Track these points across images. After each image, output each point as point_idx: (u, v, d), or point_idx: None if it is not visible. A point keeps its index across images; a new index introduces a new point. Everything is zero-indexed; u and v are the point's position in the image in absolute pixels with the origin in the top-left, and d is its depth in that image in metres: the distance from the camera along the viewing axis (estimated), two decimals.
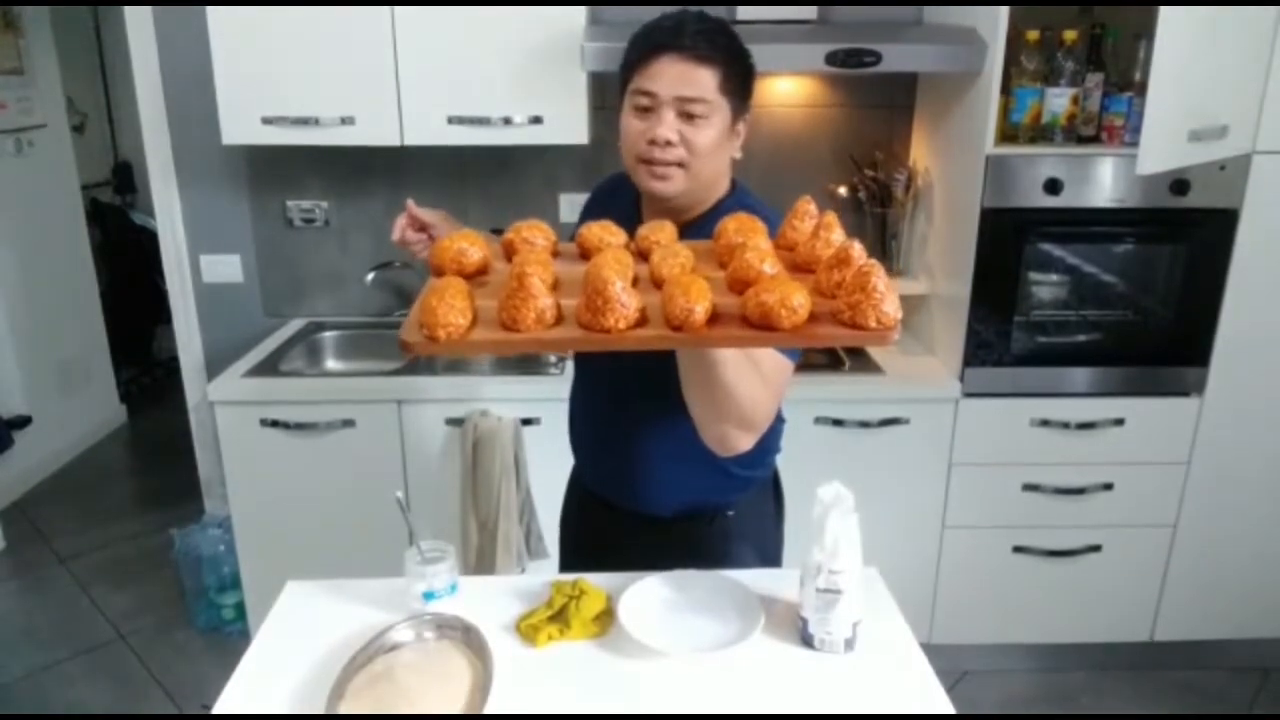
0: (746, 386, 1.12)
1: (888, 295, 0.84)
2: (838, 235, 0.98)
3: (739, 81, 1.29)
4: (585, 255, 1.07)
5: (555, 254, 1.10)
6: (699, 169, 1.30)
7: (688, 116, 1.26)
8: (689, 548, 1.46)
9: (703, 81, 1.24)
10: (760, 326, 0.81)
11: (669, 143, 1.26)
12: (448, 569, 1.31)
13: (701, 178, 1.32)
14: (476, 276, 1.01)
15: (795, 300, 0.80)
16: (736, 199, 1.38)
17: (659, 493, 1.48)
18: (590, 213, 1.49)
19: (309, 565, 1.52)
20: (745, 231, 1.04)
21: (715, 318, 0.82)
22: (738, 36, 1.30)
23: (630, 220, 1.39)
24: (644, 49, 1.27)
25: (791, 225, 1.07)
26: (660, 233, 1.12)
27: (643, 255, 1.08)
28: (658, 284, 0.93)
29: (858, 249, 0.91)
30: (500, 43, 2.23)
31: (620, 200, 1.44)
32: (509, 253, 1.07)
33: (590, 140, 2.33)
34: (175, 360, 2.94)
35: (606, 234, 1.12)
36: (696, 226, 1.35)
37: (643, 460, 1.46)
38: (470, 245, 1.05)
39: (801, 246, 1.00)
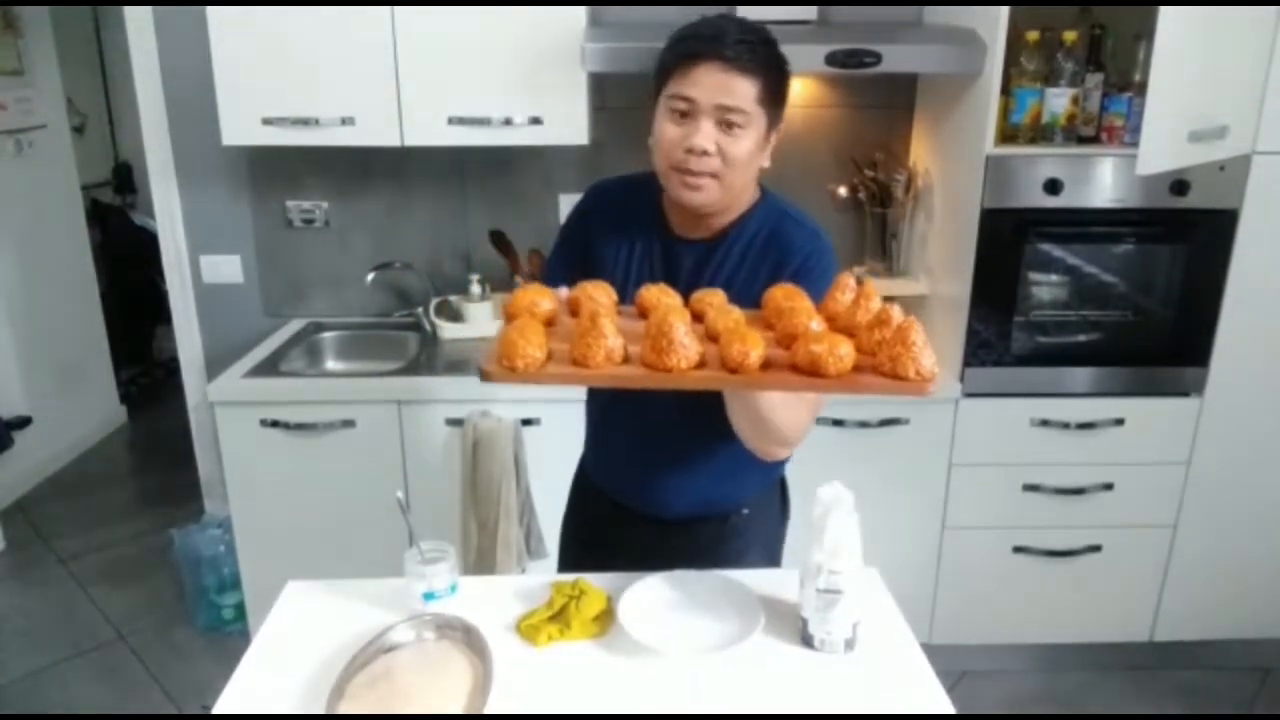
0: (791, 414, 1.21)
1: (926, 349, 0.90)
2: (876, 303, 1.03)
3: (777, 92, 1.28)
4: (642, 313, 1.12)
5: (616, 309, 1.14)
6: (732, 180, 1.28)
7: (725, 125, 1.24)
8: (700, 546, 1.47)
9: (742, 91, 1.23)
10: (808, 373, 0.88)
11: (705, 152, 1.24)
12: (448, 569, 1.31)
13: (734, 188, 1.31)
14: (547, 326, 1.09)
15: (842, 350, 0.88)
16: (768, 205, 1.37)
17: (680, 496, 1.48)
18: (597, 217, 1.45)
19: (309, 565, 1.53)
20: (791, 297, 1.09)
21: (766, 364, 0.90)
22: (777, 44, 1.28)
23: (651, 225, 1.40)
24: (684, 54, 1.24)
25: (834, 298, 1.10)
26: (713, 296, 1.16)
27: (696, 316, 1.13)
28: (713, 338, 1.00)
29: (896, 310, 0.97)
30: (500, 43, 2.23)
31: (638, 204, 1.41)
32: (574, 309, 1.12)
33: (590, 141, 2.33)
34: (175, 360, 2.94)
35: (665, 295, 1.16)
36: (726, 235, 1.35)
37: (669, 465, 1.45)
38: (542, 297, 1.12)
39: (843, 313, 1.05)
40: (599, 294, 1.14)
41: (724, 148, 1.25)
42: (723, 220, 1.36)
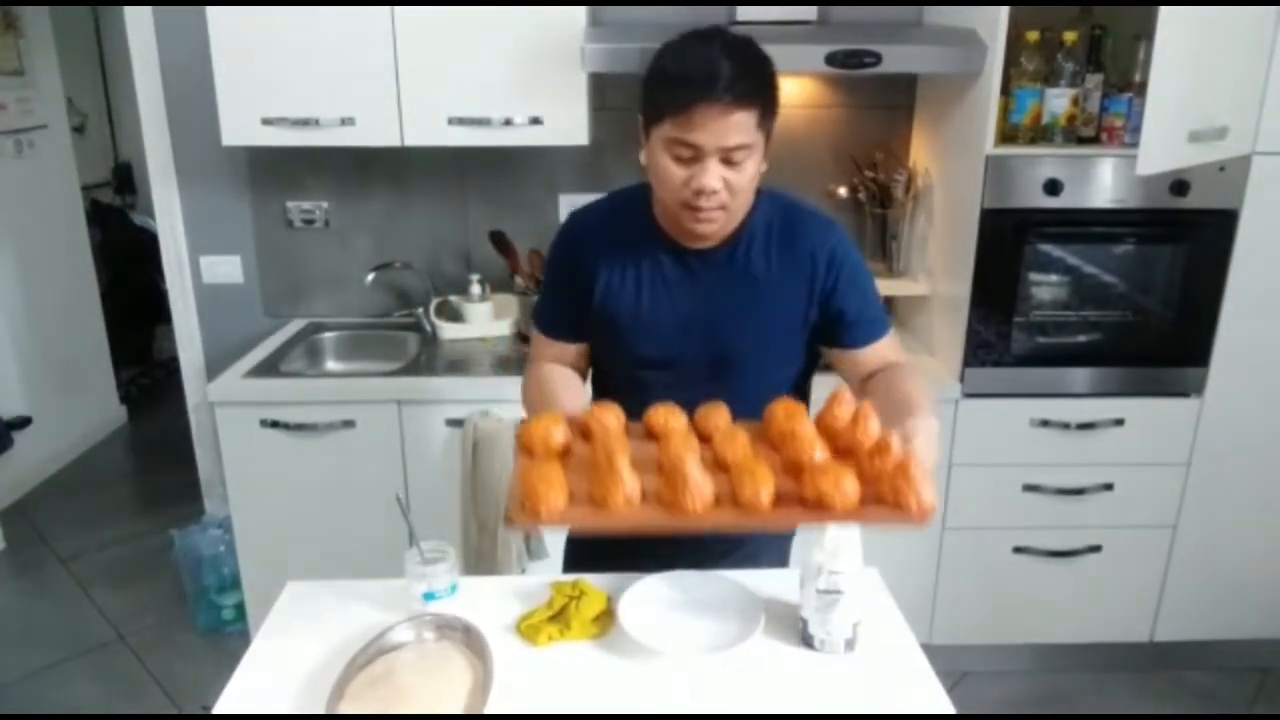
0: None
1: (926, 481, 0.95)
2: (874, 425, 1.06)
3: (773, 108, 1.26)
4: (650, 434, 1.14)
5: (625, 431, 1.15)
6: (740, 204, 1.29)
7: (729, 162, 1.23)
8: (722, 549, 1.46)
9: (744, 125, 1.20)
10: (816, 508, 0.93)
11: (714, 191, 1.23)
12: (448, 569, 1.31)
13: (743, 208, 1.32)
14: (563, 457, 1.11)
15: (847, 486, 0.93)
16: (768, 198, 1.37)
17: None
18: (586, 248, 1.39)
19: (309, 565, 1.52)
20: (793, 418, 1.11)
21: (778, 497, 0.95)
22: (764, 56, 1.24)
23: (650, 239, 1.36)
24: (681, 99, 1.19)
25: (831, 413, 1.13)
26: (717, 416, 1.17)
27: (703, 436, 1.14)
28: (720, 466, 1.04)
29: (896, 440, 1.01)
30: (500, 43, 2.23)
31: (628, 222, 1.39)
32: (584, 432, 1.13)
33: (590, 141, 2.33)
34: (175, 361, 2.94)
35: (671, 418, 1.16)
36: (737, 237, 1.35)
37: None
38: (555, 427, 1.13)
39: (843, 432, 1.08)
40: (608, 418, 1.14)
41: (731, 182, 1.24)
42: (727, 230, 1.35)
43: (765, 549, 1.53)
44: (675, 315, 1.36)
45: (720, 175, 1.22)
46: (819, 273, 1.35)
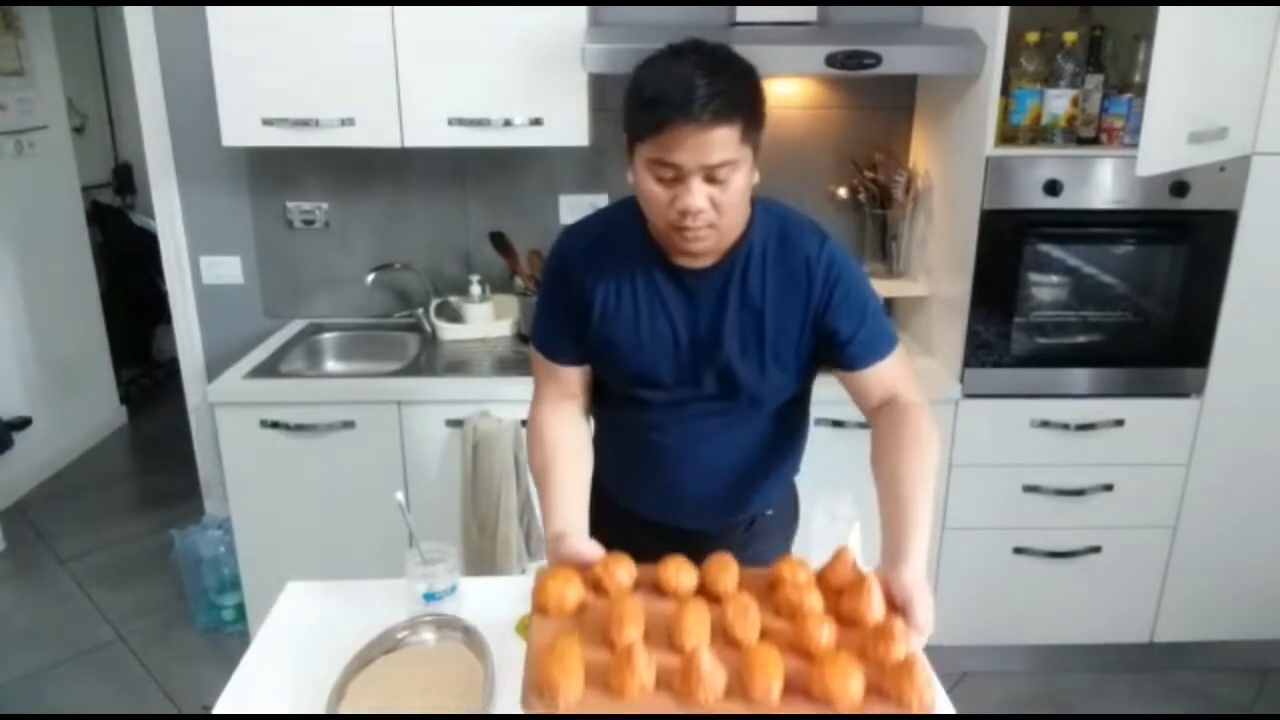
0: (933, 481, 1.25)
1: (928, 685, 0.99)
2: (877, 599, 1.10)
3: (758, 120, 1.20)
4: (659, 588, 1.14)
5: (636, 585, 1.15)
6: (730, 221, 1.24)
7: (713, 179, 1.17)
8: (727, 550, 1.46)
9: (725, 141, 1.15)
10: (822, 699, 0.98)
11: (700, 210, 1.18)
12: (448, 570, 1.31)
13: (734, 226, 1.27)
14: (578, 614, 1.12)
15: (853, 686, 0.97)
16: (764, 213, 1.32)
17: (721, 511, 1.47)
18: (580, 265, 1.34)
19: (309, 565, 1.53)
20: (801, 589, 1.11)
21: (787, 685, 1.00)
22: (745, 67, 1.19)
23: (644, 257, 1.31)
24: (654, 119, 1.14)
25: (833, 570, 1.15)
26: (726, 576, 1.15)
27: (708, 592, 1.14)
28: (729, 639, 1.07)
29: (899, 625, 1.06)
30: (500, 44, 2.23)
31: (622, 240, 1.33)
32: (596, 585, 1.14)
33: (590, 142, 2.33)
34: (175, 361, 2.94)
35: (682, 574, 1.15)
36: (733, 256, 1.30)
37: (709, 491, 1.43)
38: (569, 586, 1.11)
39: (847, 599, 1.11)
40: (620, 570, 1.13)
41: (717, 199, 1.19)
42: (724, 246, 1.30)
43: (768, 552, 1.53)
44: (674, 337, 1.32)
45: (705, 194, 1.18)
46: (814, 290, 1.30)
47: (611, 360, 1.36)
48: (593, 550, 1.19)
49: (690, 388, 1.35)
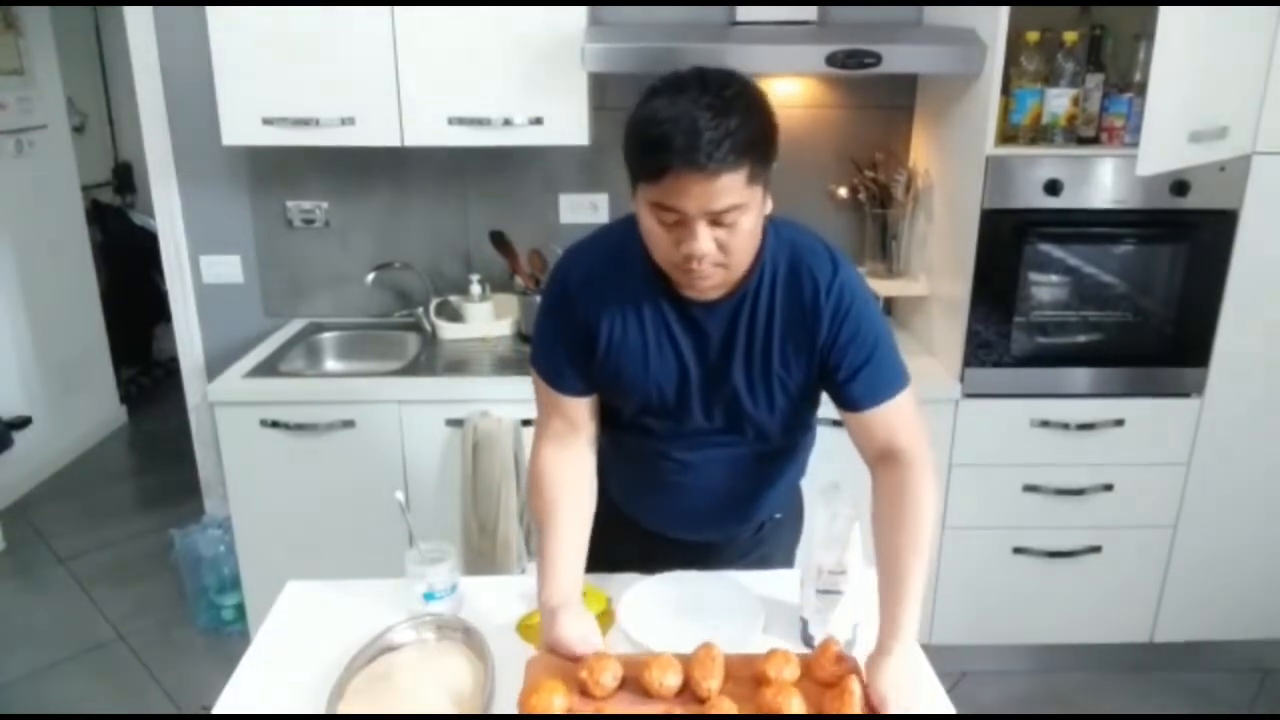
0: (924, 560, 1.21)
1: None
2: (858, 699, 1.08)
3: (768, 159, 1.12)
4: (646, 690, 1.13)
5: (622, 684, 1.13)
6: (739, 261, 1.17)
7: (719, 223, 1.11)
8: (734, 553, 1.47)
9: (731, 187, 1.07)
10: None
11: (705, 254, 1.12)
12: (448, 569, 1.31)
13: (744, 264, 1.20)
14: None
15: None
16: (776, 236, 1.25)
17: (730, 524, 1.47)
18: (585, 291, 1.28)
19: (309, 565, 1.53)
20: (781, 691, 1.10)
21: None
22: (753, 101, 1.11)
23: (651, 288, 1.25)
24: (657, 166, 1.07)
25: (819, 664, 1.14)
26: (711, 677, 1.12)
27: (693, 690, 1.13)
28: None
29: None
30: (500, 43, 2.23)
31: (627, 270, 1.26)
32: (583, 689, 1.12)
33: (590, 141, 2.33)
34: (175, 360, 2.94)
35: (667, 673, 1.12)
36: (744, 286, 1.24)
37: (721, 506, 1.42)
38: (555, 696, 1.09)
39: (830, 702, 1.10)
40: (606, 676, 1.12)
41: (724, 242, 1.12)
42: (736, 279, 1.23)
43: (775, 554, 1.53)
44: (681, 370, 1.28)
45: (711, 237, 1.11)
46: (821, 323, 1.23)
47: (617, 390, 1.32)
48: (582, 641, 1.16)
49: (699, 420, 1.32)
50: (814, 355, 1.26)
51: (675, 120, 1.06)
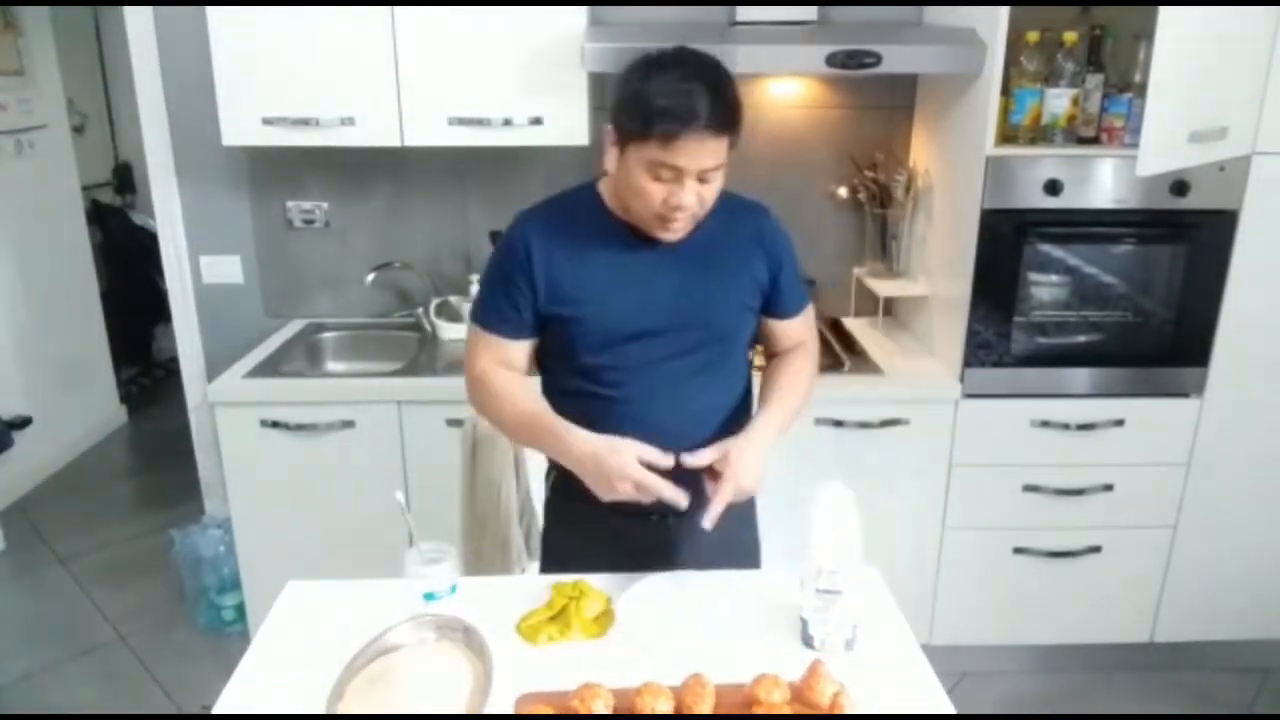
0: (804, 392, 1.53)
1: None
2: (828, 688, 1.12)
3: (740, 129, 1.35)
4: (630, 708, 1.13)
5: (613, 710, 1.13)
6: (707, 212, 1.39)
7: (704, 179, 1.33)
8: (722, 537, 1.45)
9: (719, 150, 1.31)
10: None
11: (689, 206, 1.33)
12: (448, 569, 1.31)
13: (705, 214, 1.40)
14: None
15: None
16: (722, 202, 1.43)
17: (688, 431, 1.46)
18: (541, 241, 1.42)
19: (309, 565, 1.53)
20: (775, 710, 1.11)
21: None
22: (730, 78, 1.33)
23: (606, 232, 1.43)
24: (662, 128, 1.27)
25: (809, 685, 1.14)
26: (702, 704, 1.12)
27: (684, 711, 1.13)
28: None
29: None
30: (500, 43, 2.23)
31: (582, 219, 1.45)
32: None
33: (590, 141, 2.33)
34: (175, 360, 2.94)
35: (658, 702, 1.12)
36: (694, 231, 1.41)
37: (677, 436, 1.41)
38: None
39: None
40: (595, 700, 1.11)
41: (703, 195, 1.34)
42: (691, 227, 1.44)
43: (735, 525, 1.52)
44: (644, 292, 1.42)
45: (695, 191, 1.33)
46: (765, 245, 1.49)
47: (577, 325, 1.42)
48: (655, 451, 1.32)
49: (667, 338, 1.43)
50: (764, 270, 1.50)
51: (686, 94, 1.27)
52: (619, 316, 1.42)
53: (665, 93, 1.28)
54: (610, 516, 1.42)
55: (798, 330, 1.59)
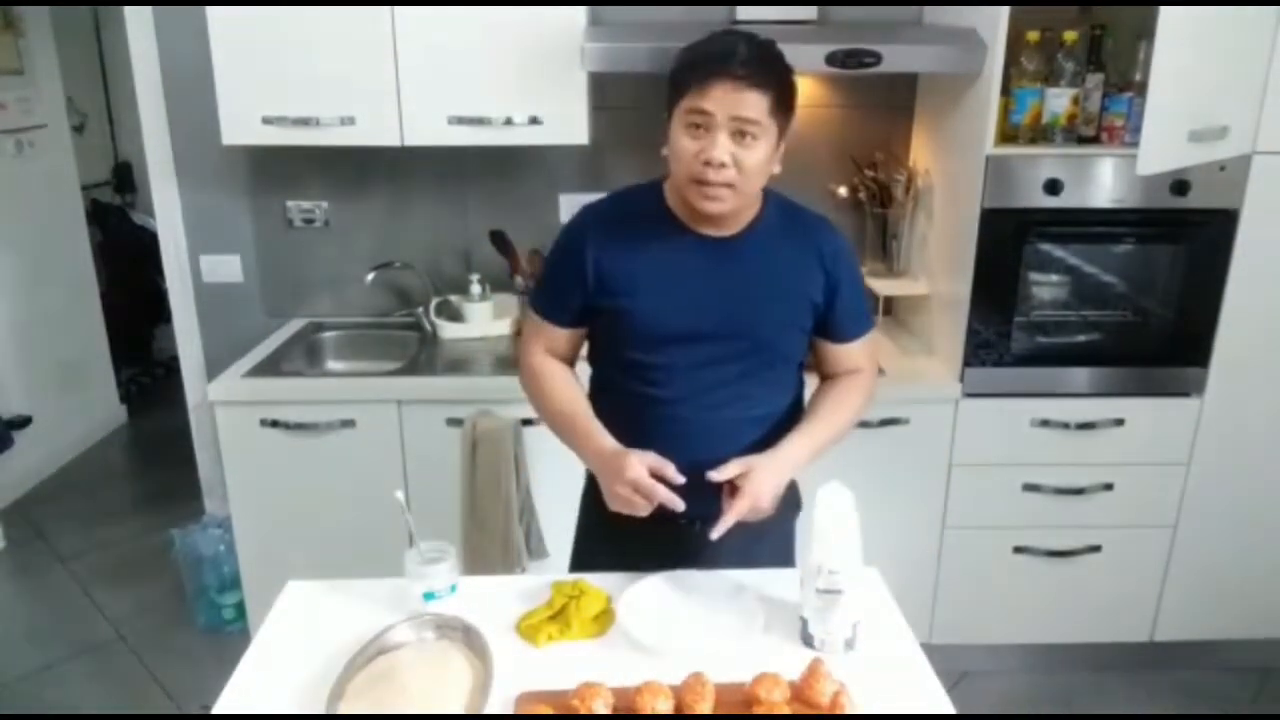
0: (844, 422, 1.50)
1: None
2: (827, 686, 1.12)
3: (786, 102, 1.34)
4: (631, 708, 1.12)
5: (613, 709, 1.13)
6: (747, 189, 1.35)
7: (740, 136, 1.30)
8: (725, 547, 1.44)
9: (755, 104, 1.29)
10: None
11: (722, 164, 1.30)
12: (448, 569, 1.31)
13: (750, 196, 1.39)
14: None
15: None
16: (775, 207, 1.46)
17: (724, 445, 1.44)
18: (599, 232, 1.43)
19: (309, 565, 1.53)
20: (775, 709, 1.11)
21: None
22: (784, 57, 1.34)
23: (664, 225, 1.43)
24: (697, 72, 1.29)
25: (809, 684, 1.15)
26: (702, 703, 1.12)
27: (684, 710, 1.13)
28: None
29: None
30: (500, 43, 2.23)
31: (642, 210, 1.45)
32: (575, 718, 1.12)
33: (590, 141, 2.33)
34: (175, 360, 2.94)
35: (658, 701, 1.12)
36: (739, 240, 1.42)
37: (724, 446, 1.41)
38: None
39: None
40: (596, 702, 1.11)
41: (739, 158, 1.30)
42: (740, 220, 1.42)
43: (768, 549, 1.52)
44: (694, 294, 1.40)
45: (729, 149, 1.29)
46: (825, 263, 1.44)
47: (627, 319, 1.42)
48: (663, 463, 1.31)
49: (713, 344, 1.41)
50: (821, 289, 1.45)
51: (720, 42, 1.32)
52: (665, 314, 1.41)
53: (705, 46, 1.33)
54: (646, 523, 1.40)
55: (852, 357, 1.53)
